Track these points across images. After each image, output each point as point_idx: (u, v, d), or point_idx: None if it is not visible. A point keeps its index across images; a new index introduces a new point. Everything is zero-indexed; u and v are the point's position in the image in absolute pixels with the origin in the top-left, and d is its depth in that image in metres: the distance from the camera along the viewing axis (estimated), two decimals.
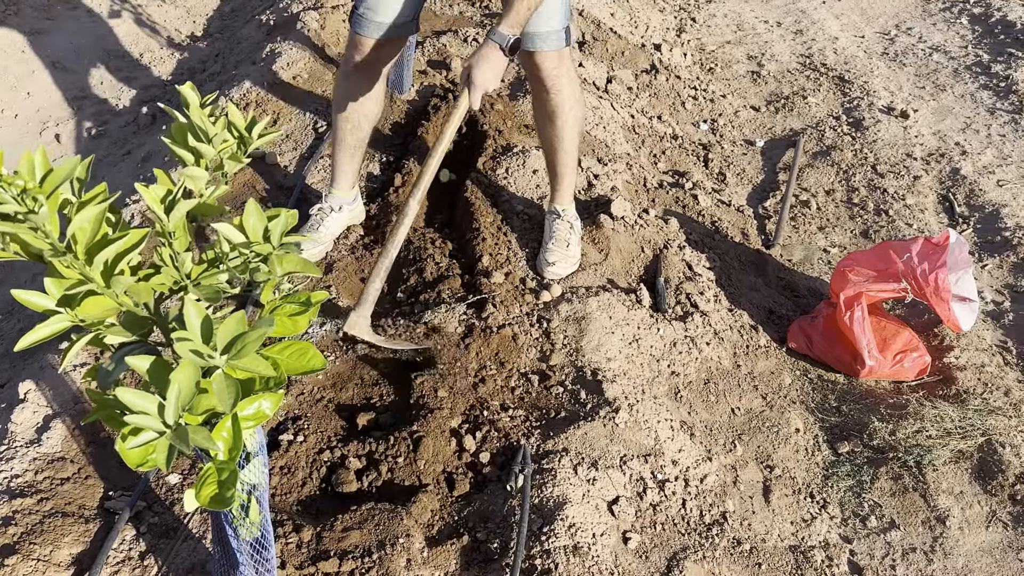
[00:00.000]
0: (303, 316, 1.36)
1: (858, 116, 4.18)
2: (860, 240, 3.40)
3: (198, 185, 1.14)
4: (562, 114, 2.60)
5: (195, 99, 1.16)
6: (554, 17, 2.41)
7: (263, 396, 1.34)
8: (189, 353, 1.11)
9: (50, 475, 1.97)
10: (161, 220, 1.08)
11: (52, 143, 4.08)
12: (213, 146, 1.14)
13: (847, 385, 2.68)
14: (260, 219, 1.11)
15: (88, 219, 0.98)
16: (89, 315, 1.11)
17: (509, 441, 2.12)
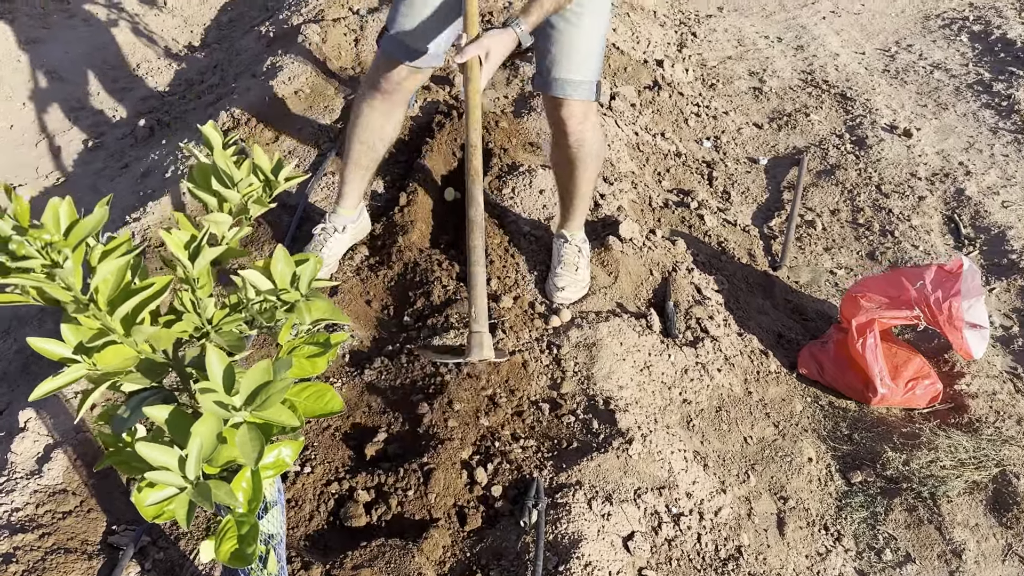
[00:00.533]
0: (322, 357, 1.32)
1: (861, 134, 4.16)
2: (866, 262, 3.38)
3: (222, 230, 1.10)
4: (581, 164, 2.57)
5: (218, 140, 1.12)
6: (585, 66, 2.39)
7: (283, 444, 1.30)
8: (212, 405, 1.07)
9: (52, 508, 1.91)
10: (186, 267, 1.03)
11: (48, 154, 4.02)
12: (238, 190, 1.10)
13: (858, 412, 2.65)
14: (288, 265, 1.07)
15: (112, 271, 0.94)
16: (108, 365, 1.06)
17: (521, 473, 2.08)
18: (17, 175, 3.84)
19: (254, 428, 1.10)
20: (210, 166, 1.10)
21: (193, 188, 1.11)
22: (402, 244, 2.82)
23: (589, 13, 2.35)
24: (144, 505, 1.08)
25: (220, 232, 1.11)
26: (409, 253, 2.79)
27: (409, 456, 2.13)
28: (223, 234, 1.12)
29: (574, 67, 2.38)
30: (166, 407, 1.14)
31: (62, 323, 1.08)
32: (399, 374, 2.37)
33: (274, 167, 1.14)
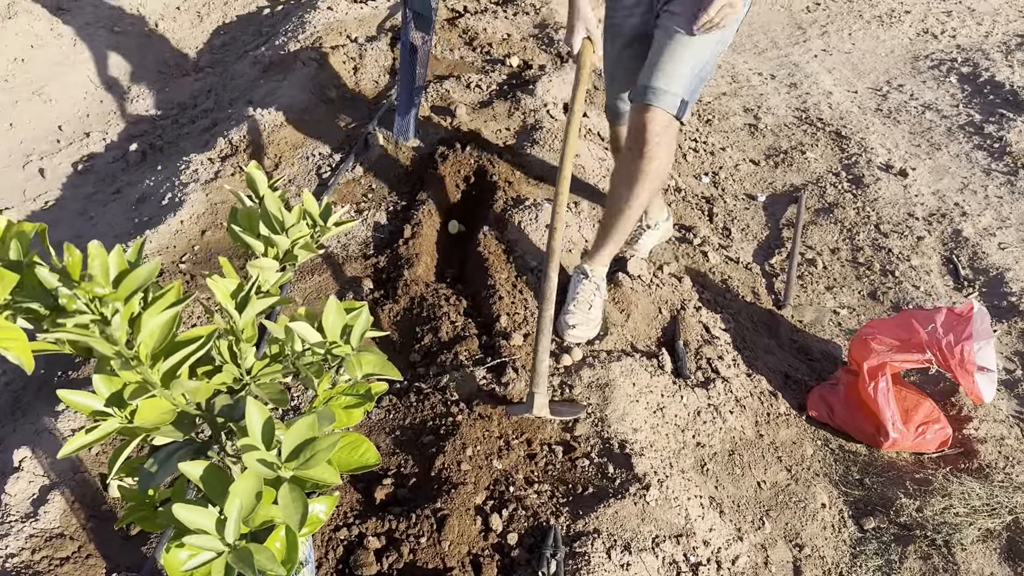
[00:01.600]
0: (359, 408, 1.26)
1: (857, 173, 4.18)
2: (868, 301, 3.37)
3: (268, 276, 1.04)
4: (643, 178, 2.54)
5: (264, 181, 1.07)
6: (675, 80, 2.40)
7: (317, 500, 1.24)
8: (256, 464, 1.01)
9: (48, 554, 1.82)
10: (233, 317, 0.98)
11: (36, 177, 3.93)
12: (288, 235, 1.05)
13: (869, 456, 2.62)
14: (339, 316, 1.02)
15: (159, 325, 0.88)
16: (146, 420, 1.00)
17: (537, 520, 2.02)
18: (3, 198, 3.74)
19: (297, 488, 1.04)
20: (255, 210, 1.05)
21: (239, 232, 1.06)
22: (408, 278, 2.76)
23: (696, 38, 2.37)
24: (180, 570, 1.02)
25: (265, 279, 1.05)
26: (415, 287, 2.74)
27: (420, 500, 2.07)
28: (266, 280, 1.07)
29: (663, 77, 2.41)
30: (201, 463, 1.07)
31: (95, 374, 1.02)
32: (408, 413, 2.30)
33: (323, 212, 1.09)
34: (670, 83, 2.41)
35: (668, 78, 2.41)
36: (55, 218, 3.63)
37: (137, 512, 1.20)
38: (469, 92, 4.03)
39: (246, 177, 1.10)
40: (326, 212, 1.10)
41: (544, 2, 5.10)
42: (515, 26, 4.80)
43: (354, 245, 3.00)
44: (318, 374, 1.04)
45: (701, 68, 2.44)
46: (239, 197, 1.08)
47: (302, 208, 1.08)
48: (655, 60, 2.44)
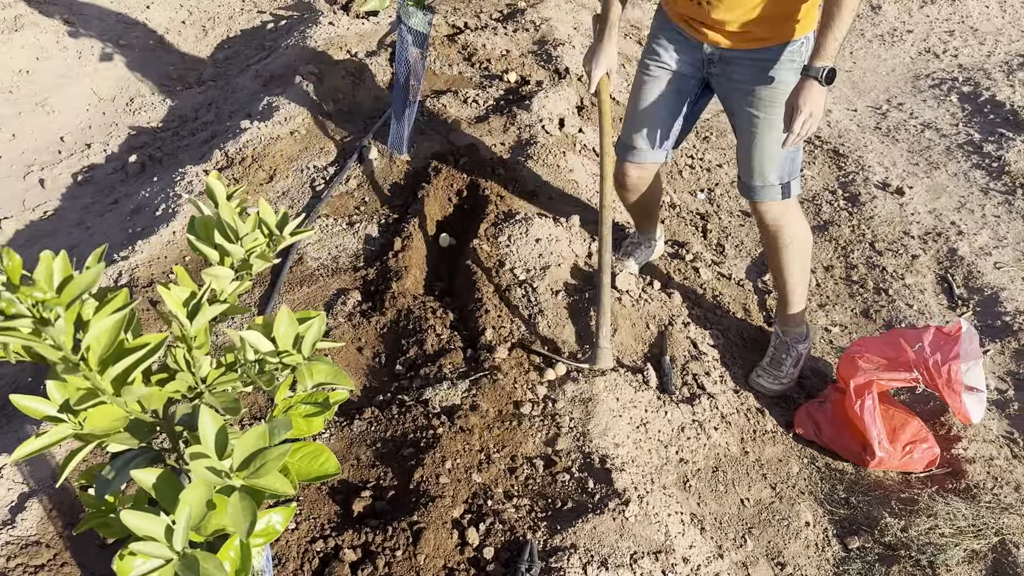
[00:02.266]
0: (319, 417, 1.27)
1: (854, 191, 4.18)
2: (860, 319, 3.36)
3: (222, 284, 1.05)
4: (782, 251, 2.72)
5: (223, 191, 1.08)
6: (768, 170, 2.56)
7: (274, 510, 1.24)
8: (205, 471, 1.01)
9: (23, 562, 1.83)
10: (184, 325, 0.98)
11: (36, 188, 3.96)
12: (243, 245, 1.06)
13: (855, 475, 2.61)
14: (291, 325, 1.02)
15: (105, 329, 0.89)
16: (96, 427, 1.01)
17: (514, 535, 2.01)
18: (3, 208, 3.78)
19: (247, 497, 1.04)
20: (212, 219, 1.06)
21: (195, 241, 1.07)
22: (396, 290, 2.77)
23: (767, 130, 2.49)
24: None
25: (220, 287, 1.06)
26: (403, 300, 2.75)
27: (398, 513, 2.06)
28: (223, 289, 1.08)
29: (755, 172, 2.59)
30: (154, 471, 1.08)
31: (47, 380, 1.03)
32: (389, 426, 2.31)
33: (279, 221, 1.10)
34: (767, 176, 2.57)
35: (763, 174, 2.58)
36: (52, 228, 3.66)
37: (96, 518, 1.21)
38: (466, 107, 4.06)
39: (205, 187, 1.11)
40: (282, 222, 1.11)
41: (544, 19, 5.13)
42: (514, 42, 4.83)
43: (344, 257, 3.01)
44: (269, 383, 1.04)
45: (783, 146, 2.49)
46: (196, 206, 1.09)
47: (257, 217, 1.09)
48: (747, 155, 2.60)
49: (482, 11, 5.37)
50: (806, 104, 2.29)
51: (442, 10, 5.27)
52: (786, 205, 2.65)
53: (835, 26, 2.24)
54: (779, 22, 2.38)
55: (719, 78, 2.58)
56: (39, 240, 3.58)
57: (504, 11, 5.43)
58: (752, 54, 2.46)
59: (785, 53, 2.42)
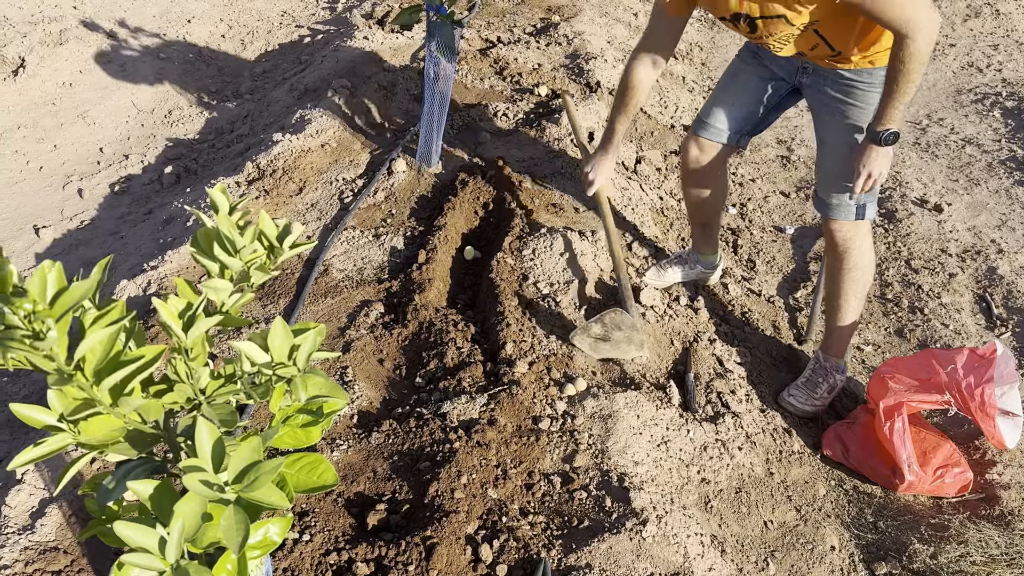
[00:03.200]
0: (316, 427, 1.26)
1: (891, 207, 4.09)
2: (894, 339, 3.28)
3: (222, 297, 1.05)
4: (842, 277, 2.71)
5: (225, 204, 1.08)
6: (842, 192, 2.54)
7: (271, 521, 1.23)
8: (197, 484, 1.01)
9: (41, 567, 1.85)
10: (179, 337, 0.99)
11: (74, 197, 4.05)
12: (240, 258, 1.06)
13: (884, 499, 2.53)
14: (286, 337, 1.02)
15: (100, 340, 0.90)
16: (93, 437, 1.01)
17: (528, 552, 1.98)
18: (42, 217, 3.86)
19: (240, 510, 1.03)
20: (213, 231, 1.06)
21: (195, 253, 1.07)
22: (418, 303, 2.77)
23: (856, 132, 2.46)
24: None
25: (220, 299, 1.06)
26: (425, 312, 2.74)
27: (413, 527, 2.05)
28: (223, 301, 1.08)
29: (830, 187, 2.57)
30: (151, 482, 1.08)
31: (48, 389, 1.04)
32: (407, 439, 2.30)
33: (280, 233, 1.10)
34: (840, 194, 2.55)
35: (835, 186, 2.55)
36: (88, 237, 3.73)
37: (97, 527, 1.22)
38: (495, 120, 4.06)
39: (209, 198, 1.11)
40: (283, 233, 1.11)
41: (577, 33, 5.13)
42: (547, 56, 4.83)
43: (369, 269, 3.02)
44: (263, 395, 1.04)
45: None
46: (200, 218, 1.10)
47: (256, 230, 1.09)
48: (824, 169, 2.61)
49: (516, 25, 5.39)
50: (866, 167, 2.38)
51: (476, 24, 5.29)
52: (857, 227, 2.62)
53: (897, 94, 2.26)
54: (856, 51, 2.36)
55: (810, 88, 2.59)
56: (75, 248, 3.66)
57: (538, 25, 5.44)
58: (841, 73, 2.45)
59: (874, 76, 2.40)
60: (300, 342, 1.03)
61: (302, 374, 1.03)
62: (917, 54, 2.17)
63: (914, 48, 2.16)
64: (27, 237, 3.71)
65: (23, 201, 3.97)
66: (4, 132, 4.32)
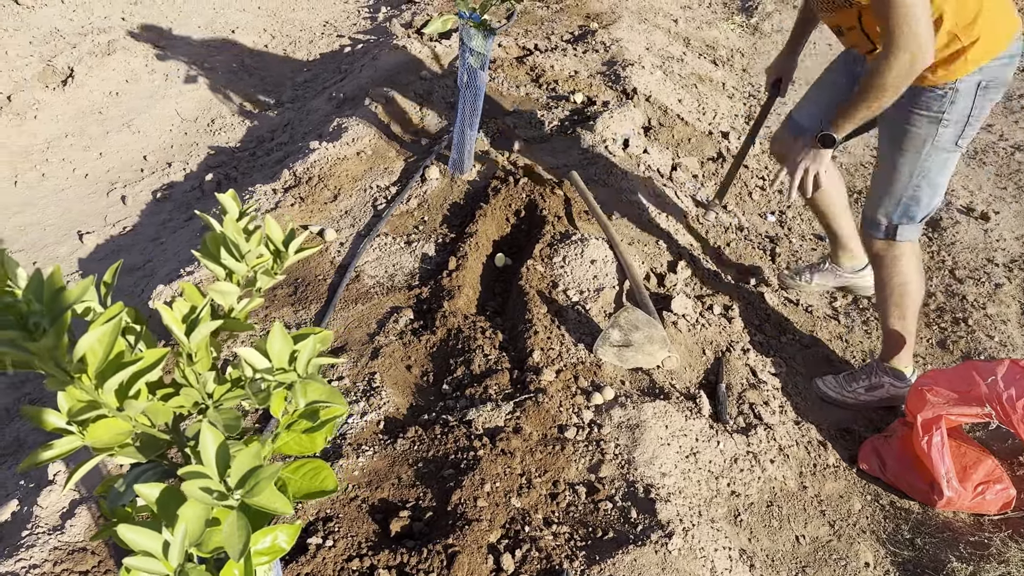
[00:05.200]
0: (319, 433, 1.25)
1: (935, 215, 3.98)
2: (936, 350, 3.19)
3: (228, 301, 1.05)
4: (881, 290, 2.69)
5: (234, 209, 1.09)
6: (883, 205, 2.53)
7: (279, 527, 1.23)
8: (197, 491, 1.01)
9: (69, 567, 1.88)
10: (181, 340, 0.99)
11: (118, 204, 4.14)
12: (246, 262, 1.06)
13: (922, 515, 2.45)
14: (286, 343, 1.02)
15: (97, 339, 0.90)
16: (99, 440, 1.02)
17: (551, 563, 1.96)
18: (86, 223, 3.95)
19: (242, 516, 1.03)
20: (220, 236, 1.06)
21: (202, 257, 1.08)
22: (447, 309, 2.77)
23: (900, 153, 2.44)
24: None
25: (227, 303, 1.07)
26: (453, 319, 2.74)
27: (435, 535, 2.04)
28: (230, 306, 1.08)
29: (872, 203, 2.57)
30: (157, 485, 1.08)
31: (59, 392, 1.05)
32: (432, 445, 2.29)
33: (286, 238, 1.10)
34: (877, 209, 2.55)
35: (875, 204, 2.55)
36: (129, 243, 3.81)
37: (110, 529, 1.23)
38: (530, 127, 4.05)
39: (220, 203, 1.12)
40: (289, 238, 1.11)
41: (615, 40, 5.10)
42: (583, 63, 4.81)
43: (400, 275, 3.03)
44: (263, 401, 1.04)
45: (910, 183, 2.45)
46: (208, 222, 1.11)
47: (262, 235, 1.09)
48: (871, 183, 2.60)
49: (553, 32, 5.38)
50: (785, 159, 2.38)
51: (513, 32, 5.30)
52: (890, 246, 2.58)
53: (851, 103, 2.25)
54: None
55: None
56: (116, 254, 3.73)
57: (575, 32, 5.42)
58: None
59: (921, 98, 2.33)
60: (300, 348, 1.03)
61: (301, 380, 1.03)
62: (881, 72, 2.11)
63: (883, 65, 2.10)
64: (71, 243, 3.80)
65: (68, 207, 4.07)
66: (53, 140, 4.44)
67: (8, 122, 4.42)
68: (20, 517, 2.03)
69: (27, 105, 4.57)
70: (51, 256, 3.71)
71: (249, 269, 1.07)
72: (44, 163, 4.31)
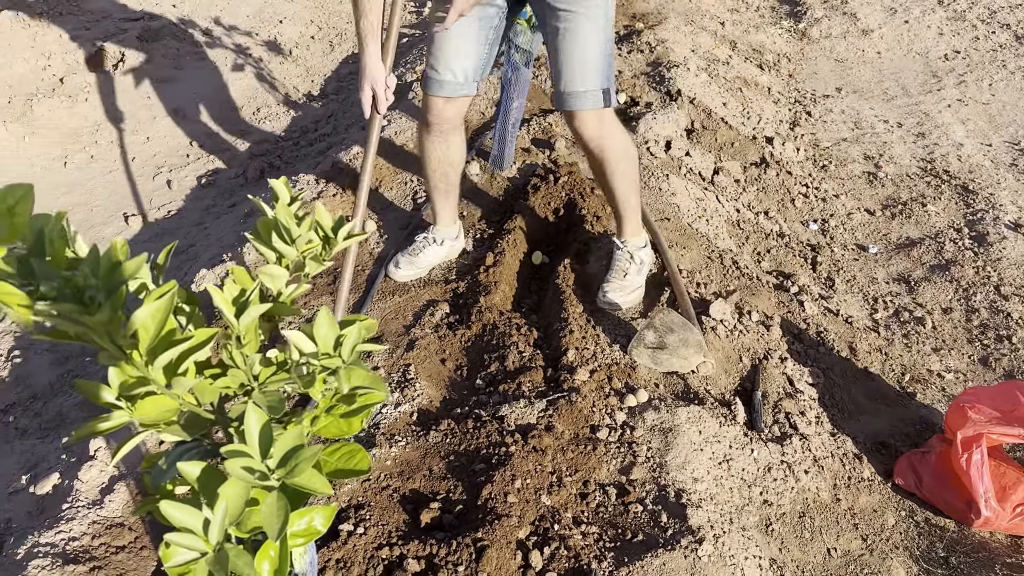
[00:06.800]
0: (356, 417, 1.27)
1: (981, 230, 3.91)
2: (978, 368, 3.13)
3: (277, 284, 1.07)
4: (610, 168, 2.64)
5: (285, 195, 1.10)
6: (590, 77, 2.44)
7: (315, 509, 1.24)
8: (239, 469, 1.03)
9: (107, 542, 1.92)
10: (231, 322, 1.00)
11: (163, 188, 4.21)
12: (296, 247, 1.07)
13: (957, 533, 2.41)
14: (332, 329, 1.03)
15: (150, 314, 0.92)
16: (147, 416, 1.04)
17: (579, 563, 1.96)
18: (132, 206, 4.03)
19: (282, 497, 1.04)
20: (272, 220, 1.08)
21: (252, 240, 1.09)
22: (483, 305, 2.78)
23: (583, 24, 2.38)
24: (168, 565, 1.04)
25: (276, 287, 1.08)
26: (489, 315, 2.75)
27: (465, 528, 2.05)
28: (279, 289, 1.09)
29: (577, 79, 2.44)
30: (199, 464, 1.10)
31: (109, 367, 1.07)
32: (464, 439, 2.30)
33: (335, 225, 1.12)
34: (585, 81, 2.44)
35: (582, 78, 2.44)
36: (174, 226, 3.87)
37: (151, 504, 1.25)
38: None
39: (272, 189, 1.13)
40: (338, 225, 1.12)
41: (660, 40, 5.08)
42: (627, 63, 4.79)
43: (437, 269, 3.04)
44: (308, 385, 1.05)
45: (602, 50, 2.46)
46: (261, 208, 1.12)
47: (312, 220, 1.11)
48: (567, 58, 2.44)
49: None
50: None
51: None
52: (604, 114, 2.51)
53: None
54: None
55: None
56: (161, 237, 3.79)
57: (621, 32, 5.40)
58: None
59: None
60: (346, 334, 1.04)
61: (345, 366, 1.04)
62: None
63: None
64: (116, 224, 3.87)
65: (115, 190, 4.15)
66: (102, 123, 4.53)
67: (60, 104, 4.51)
68: (61, 490, 2.08)
69: (78, 88, 4.66)
70: (98, 236, 3.78)
71: (299, 254, 1.08)
72: (93, 145, 4.39)
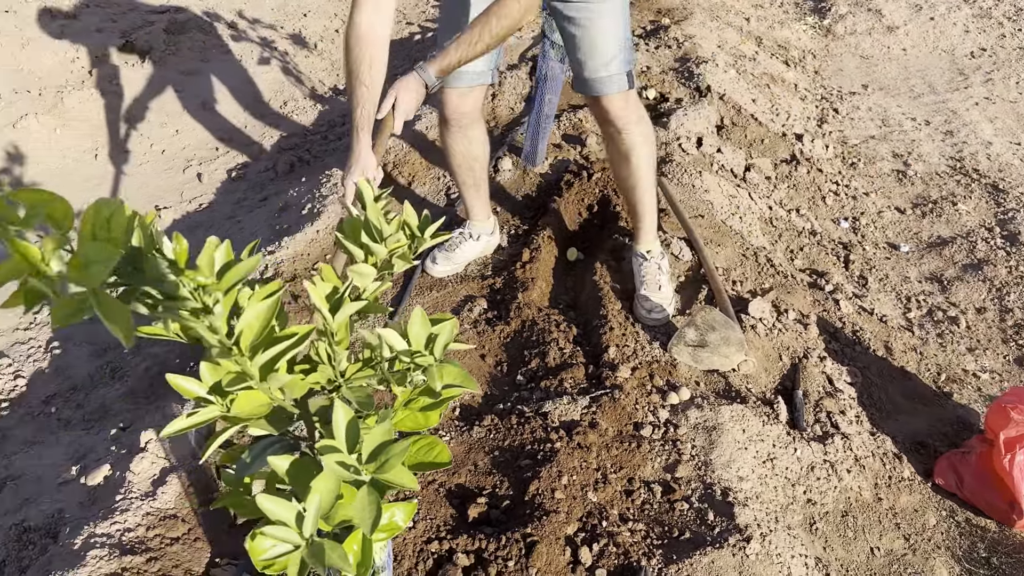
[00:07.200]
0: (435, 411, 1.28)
1: (1013, 229, 3.90)
2: (1014, 368, 3.12)
3: (365, 282, 1.08)
4: (635, 154, 2.64)
5: (370, 194, 1.11)
6: (613, 62, 2.48)
7: (396, 506, 1.25)
8: (334, 464, 1.04)
9: (161, 533, 1.94)
10: (327, 319, 1.01)
11: (193, 181, 4.22)
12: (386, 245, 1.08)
13: (998, 534, 2.41)
14: (424, 327, 1.04)
15: (257, 315, 0.93)
16: (242, 410, 1.05)
17: (628, 560, 1.97)
18: (163, 199, 4.04)
19: (374, 491, 1.06)
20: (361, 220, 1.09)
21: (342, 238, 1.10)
22: (521, 301, 2.78)
23: (602, 11, 2.42)
24: (259, 557, 1.06)
25: (363, 285, 1.09)
26: (528, 311, 2.75)
27: (512, 523, 2.06)
28: (365, 287, 1.11)
29: (601, 66, 2.48)
30: (288, 457, 1.11)
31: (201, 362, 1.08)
32: (508, 435, 2.31)
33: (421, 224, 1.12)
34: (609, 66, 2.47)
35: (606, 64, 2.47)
36: (206, 220, 3.89)
37: (230, 497, 1.26)
38: None
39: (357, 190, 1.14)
40: (424, 224, 1.13)
41: (688, 36, 5.07)
42: (656, 59, 4.78)
43: (473, 265, 3.05)
44: (401, 381, 1.06)
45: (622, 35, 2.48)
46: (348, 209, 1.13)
47: (401, 220, 1.12)
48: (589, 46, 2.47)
49: None
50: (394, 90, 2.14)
51: None
52: (628, 96, 2.54)
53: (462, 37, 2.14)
54: None
55: None
56: (194, 230, 3.81)
57: (648, 27, 5.39)
58: None
59: None
60: (437, 331, 1.05)
61: (438, 364, 1.05)
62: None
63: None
64: None
65: (145, 182, 4.17)
66: (131, 115, 4.54)
67: (89, 96, 4.53)
68: (113, 482, 2.10)
69: (107, 79, 4.68)
70: None
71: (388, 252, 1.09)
72: (123, 137, 4.41)
